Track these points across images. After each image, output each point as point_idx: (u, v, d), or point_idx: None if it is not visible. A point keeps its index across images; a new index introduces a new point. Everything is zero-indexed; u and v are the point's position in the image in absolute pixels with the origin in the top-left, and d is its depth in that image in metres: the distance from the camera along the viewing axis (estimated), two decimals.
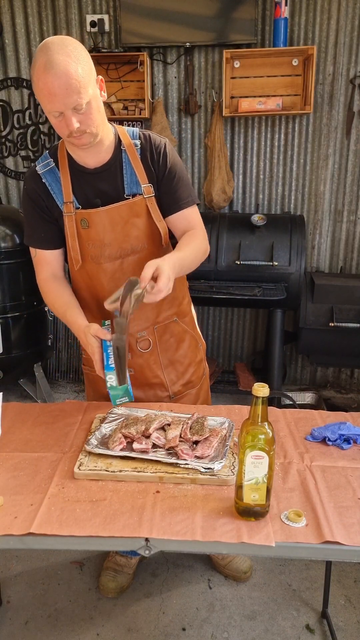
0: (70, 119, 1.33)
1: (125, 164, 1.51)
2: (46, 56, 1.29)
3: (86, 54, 1.36)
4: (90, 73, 1.35)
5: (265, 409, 1.07)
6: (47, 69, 1.28)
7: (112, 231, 1.52)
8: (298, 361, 3.69)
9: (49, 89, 1.29)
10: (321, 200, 3.43)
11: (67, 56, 1.29)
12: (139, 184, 1.52)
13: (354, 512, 1.13)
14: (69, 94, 1.30)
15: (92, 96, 1.36)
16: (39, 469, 1.28)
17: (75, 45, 1.34)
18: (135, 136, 1.54)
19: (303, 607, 1.95)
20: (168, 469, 1.24)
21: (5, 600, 1.98)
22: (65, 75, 1.28)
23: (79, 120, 1.35)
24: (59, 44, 1.31)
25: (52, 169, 1.53)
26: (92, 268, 1.57)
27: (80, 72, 1.30)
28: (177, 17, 3.10)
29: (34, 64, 1.32)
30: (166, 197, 1.55)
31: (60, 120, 1.35)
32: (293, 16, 3.13)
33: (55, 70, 1.28)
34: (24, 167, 3.59)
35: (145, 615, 1.91)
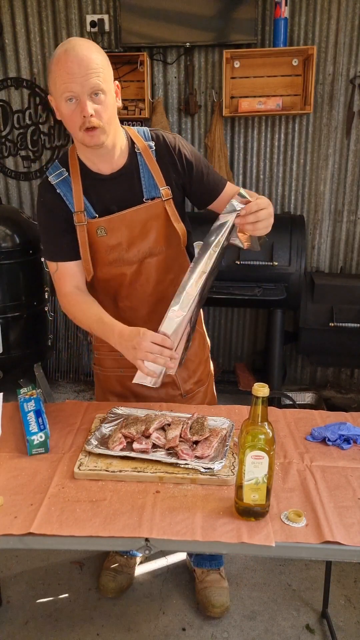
0: (86, 104, 1.30)
1: (142, 167, 1.48)
2: (68, 44, 1.30)
3: (106, 56, 1.37)
4: (110, 70, 1.36)
5: (265, 409, 1.07)
6: (68, 52, 1.28)
7: (130, 235, 1.50)
8: (298, 361, 3.69)
9: (68, 68, 1.28)
10: (321, 200, 3.43)
11: (89, 48, 1.31)
12: (157, 187, 1.49)
13: (354, 512, 1.13)
14: (89, 75, 1.28)
15: (109, 91, 1.34)
16: (39, 469, 1.28)
17: (97, 46, 1.36)
18: (147, 137, 1.51)
19: (303, 607, 1.95)
20: (168, 469, 1.24)
21: (5, 600, 1.98)
22: (86, 56, 1.29)
23: (95, 110, 1.32)
24: (81, 40, 1.33)
25: (66, 179, 1.48)
26: (111, 271, 1.55)
27: (101, 61, 1.31)
28: (177, 17, 3.10)
29: (54, 55, 1.31)
30: (201, 190, 1.55)
31: (74, 108, 1.32)
32: (293, 16, 3.13)
33: (77, 51, 1.28)
34: (23, 167, 3.59)
35: (145, 615, 1.91)
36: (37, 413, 1.43)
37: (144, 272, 1.55)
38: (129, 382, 1.64)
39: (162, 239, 1.53)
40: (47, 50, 3.37)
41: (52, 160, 3.54)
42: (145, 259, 1.54)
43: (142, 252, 1.53)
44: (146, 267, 1.54)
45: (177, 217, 1.53)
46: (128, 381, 1.65)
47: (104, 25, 3.22)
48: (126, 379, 1.66)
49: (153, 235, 1.52)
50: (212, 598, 1.88)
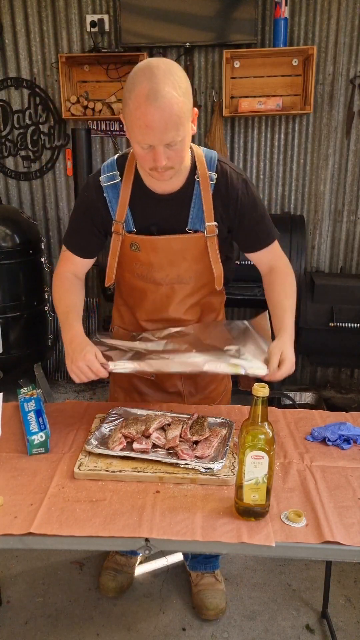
0: (160, 155, 1.26)
1: (196, 196, 1.43)
2: (151, 84, 1.19)
3: (188, 83, 1.28)
4: (190, 107, 1.28)
5: (265, 409, 1.07)
6: (150, 99, 1.19)
7: (163, 260, 1.48)
8: (298, 361, 3.68)
9: (147, 121, 1.20)
10: (321, 200, 3.43)
11: (173, 88, 1.20)
12: (203, 221, 1.44)
13: (354, 512, 1.13)
14: (167, 130, 1.22)
15: (186, 132, 1.28)
16: (39, 469, 1.28)
17: (180, 75, 1.24)
18: (212, 166, 1.43)
19: (303, 607, 1.95)
20: (168, 469, 1.24)
21: (5, 600, 1.98)
22: (168, 109, 1.20)
23: (168, 157, 1.27)
24: (165, 72, 1.21)
25: (116, 185, 1.44)
26: (135, 282, 1.55)
27: (183, 107, 1.22)
28: (177, 17, 3.10)
29: (134, 87, 1.21)
30: (247, 237, 1.51)
31: (147, 153, 1.27)
32: (293, 16, 3.12)
33: (160, 103, 1.19)
34: (23, 167, 3.59)
35: (145, 615, 1.91)
36: (37, 413, 1.43)
37: (168, 294, 1.54)
38: (135, 379, 1.68)
39: (193, 271, 1.51)
40: (47, 50, 3.37)
41: (52, 160, 3.54)
42: (173, 284, 1.52)
43: (170, 278, 1.51)
44: (172, 290, 1.53)
45: (217, 256, 1.49)
46: (134, 378, 1.68)
47: (104, 25, 3.22)
48: (133, 378, 1.68)
49: (185, 265, 1.49)
50: (206, 601, 1.88)
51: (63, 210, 3.64)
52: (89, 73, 3.35)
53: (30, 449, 1.33)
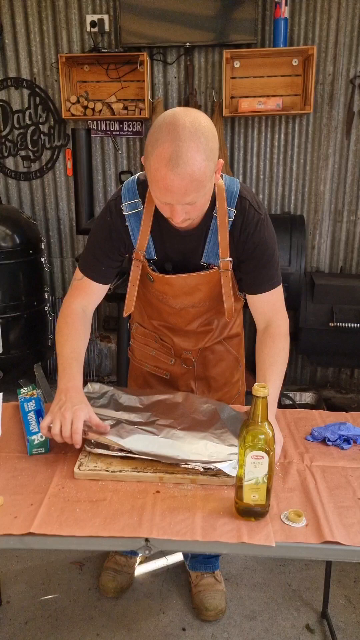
0: (178, 213, 1.23)
1: (212, 231, 1.40)
2: (174, 146, 1.13)
3: (215, 139, 1.20)
4: (214, 166, 1.21)
5: (266, 408, 1.07)
6: (172, 165, 1.13)
7: (177, 292, 1.49)
8: (298, 361, 3.69)
9: (167, 184, 1.16)
10: (321, 200, 3.43)
11: (197, 152, 1.14)
12: (217, 256, 1.42)
13: (354, 512, 1.13)
14: (187, 194, 1.18)
15: (208, 189, 1.23)
16: (39, 469, 1.28)
17: (207, 133, 1.17)
18: (232, 202, 1.38)
19: (303, 607, 1.95)
20: (168, 468, 1.24)
21: (5, 601, 1.98)
22: (189, 176, 1.15)
23: (187, 211, 1.24)
24: (191, 132, 1.14)
25: (138, 213, 1.40)
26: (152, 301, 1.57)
27: (205, 170, 1.16)
28: (177, 17, 3.10)
29: (156, 143, 1.15)
30: (248, 277, 1.47)
31: (165, 205, 1.24)
32: (293, 16, 3.13)
33: (181, 169, 1.14)
34: (23, 167, 3.59)
35: (145, 615, 1.91)
36: (37, 413, 1.43)
37: (183, 315, 1.56)
38: (149, 377, 1.72)
39: (208, 299, 1.51)
40: (47, 50, 3.37)
41: (52, 160, 3.54)
42: (189, 308, 1.54)
43: (185, 304, 1.52)
44: (187, 312, 1.55)
45: (229, 291, 1.47)
46: (148, 376, 1.72)
47: (104, 25, 3.22)
48: (147, 374, 1.72)
49: (199, 296, 1.50)
50: (205, 602, 1.88)
51: (63, 210, 3.64)
52: (88, 73, 3.35)
53: (30, 449, 1.33)
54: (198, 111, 1.21)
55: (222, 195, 1.37)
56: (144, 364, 1.72)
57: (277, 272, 1.48)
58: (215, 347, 1.67)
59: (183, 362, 1.66)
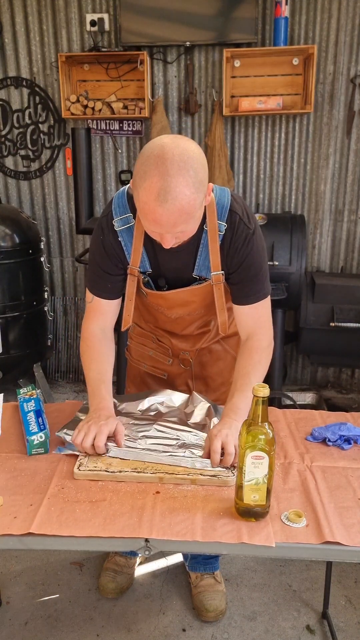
0: (168, 240, 1.23)
1: (203, 246, 1.40)
2: (162, 181, 1.12)
3: (204, 168, 1.19)
4: (203, 195, 1.20)
5: (266, 409, 1.06)
6: (160, 200, 1.13)
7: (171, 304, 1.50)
8: (298, 361, 3.69)
9: (156, 218, 1.17)
10: (322, 199, 3.42)
11: (186, 186, 1.13)
12: (209, 270, 1.42)
13: (354, 513, 1.12)
14: (176, 226, 1.19)
15: (197, 217, 1.23)
16: (39, 469, 1.28)
17: (196, 165, 1.16)
18: (222, 216, 1.37)
19: (303, 608, 1.94)
20: (168, 469, 1.23)
21: (5, 601, 1.98)
22: (178, 210, 1.15)
23: (177, 237, 1.25)
24: (180, 166, 1.13)
25: (130, 228, 1.40)
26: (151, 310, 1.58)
27: (194, 203, 1.16)
28: (177, 16, 3.10)
29: (145, 175, 1.14)
30: (235, 289, 1.46)
31: (155, 233, 1.25)
32: (293, 15, 3.12)
33: (169, 205, 1.13)
34: (23, 166, 3.58)
35: (145, 615, 1.91)
36: (37, 413, 1.43)
37: (179, 322, 1.57)
38: (147, 377, 1.72)
39: (203, 308, 1.52)
40: (46, 49, 3.36)
41: (51, 159, 3.54)
42: (184, 316, 1.55)
43: (180, 314, 1.53)
44: (183, 320, 1.56)
45: (222, 304, 1.47)
46: (146, 376, 1.72)
47: (103, 24, 3.21)
48: (145, 374, 1.72)
49: (194, 306, 1.51)
50: (205, 602, 1.87)
51: (63, 210, 3.64)
52: (88, 72, 3.34)
53: (29, 449, 1.33)
54: (186, 140, 1.20)
55: (212, 209, 1.36)
56: (141, 364, 1.72)
57: (263, 286, 1.46)
58: (213, 346, 1.67)
59: (181, 362, 1.66)
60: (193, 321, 1.57)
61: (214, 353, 1.67)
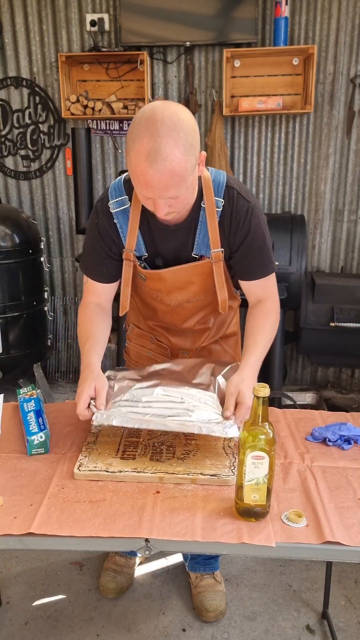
0: (160, 207, 1.24)
1: (201, 223, 1.40)
2: (152, 142, 1.13)
3: (195, 132, 1.20)
4: (195, 160, 1.21)
5: (266, 409, 1.06)
6: (150, 160, 1.14)
7: (170, 288, 1.48)
8: (298, 361, 3.69)
9: (146, 180, 1.17)
10: (322, 199, 3.42)
11: (176, 147, 1.14)
12: (208, 247, 1.42)
13: (354, 513, 1.12)
14: (167, 189, 1.19)
15: (190, 183, 1.23)
16: (39, 469, 1.28)
17: (186, 127, 1.17)
18: (219, 193, 1.38)
19: (303, 608, 1.94)
20: (168, 469, 1.23)
21: (5, 601, 1.98)
22: (169, 171, 1.15)
23: (170, 205, 1.25)
24: (170, 128, 1.14)
25: (125, 210, 1.41)
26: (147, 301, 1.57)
27: (185, 165, 1.17)
28: (177, 16, 3.10)
29: (135, 138, 1.16)
30: (242, 265, 1.47)
31: (148, 200, 1.25)
32: (293, 15, 3.12)
33: (159, 165, 1.14)
34: (23, 166, 3.58)
35: (145, 615, 1.91)
36: (37, 413, 1.43)
37: (178, 312, 1.56)
38: None
39: (202, 292, 1.51)
40: (46, 49, 3.36)
41: (51, 159, 3.54)
42: (183, 304, 1.53)
43: (180, 300, 1.52)
44: (182, 308, 1.55)
45: (222, 281, 1.46)
46: None
47: (103, 24, 3.21)
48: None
49: (193, 290, 1.49)
50: (205, 603, 1.87)
51: (63, 210, 3.64)
52: (88, 72, 3.34)
53: (30, 449, 1.33)
54: (178, 105, 1.22)
55: (208, 186, 1.37)
56: (138, 364, 1.72)
57: (269, 260, 1.48)
58: (212, 346, 1.66)
59: None
60: (193, 312, 1.55)
61: (214, 353, 1.67)
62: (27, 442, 1.33)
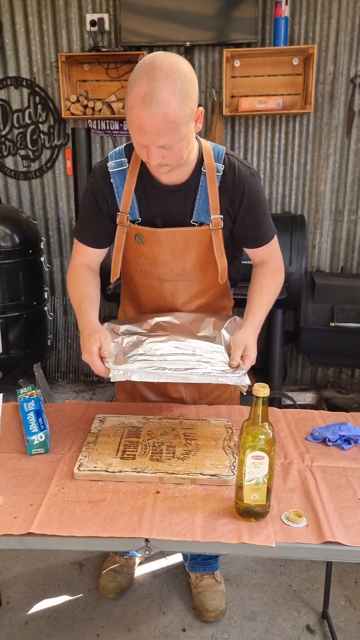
0: (153, 155, 1.25)
1: (202, 188, 1.41)
2: (149, 86, 1.16)
3: (193, 84, 1.23)
4: (190, 111, 1.23)
5: (266, 409, 1.06)
6: (145, 104, 1.16)
7: (167, 253, 1.46)
8: (298, 361, 3.69)
9: (141, 124, 1.19)
10: (322, 199, 3.42)
11: (172, 93, 1.17)
12: (208, 213, 1.42)
13: (354, 513, 1.12)
14: (160, 135, 1.20)
15: (184, 134, 1.24)
16: (39, 469, 1.28)
17: (184, 77, 1.20)
18: (219, 158, 1.41)
19: (303, 608, 1.94)
20: (168, 469, 1.23)
21: (4, 601, 1.98)
22: (162, 116, 1.17)
23: (163, 156, 1.26)
24: (167, 74, 1.17)
25: (124, 171, 1.42)
26: (139, 280, 1.54)
27: (179, 113, 1.19)
28: (177, 16, 3.10)
29: (134, 84, 1.19)
30: (246, 233, 1.49)
31: (142, 148, 1.26)
32: (293, 15, 3.12)
33: (154, 109, 1.16)
34: (23, 166, 3.58)
35: (145, 615, 1.91)
36: (37, 413, 1.43)
37: (172, 291, 1.53)
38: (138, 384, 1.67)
39: (199, 266, 1.49)
40: (46, 49, 3.36)
41: (51, 159, 3.54)
42: (177, 281, 1.50)
43: (175, 273, 1.49)
44: (176, 287, 1.52)
45: (222, 250, 1.47)
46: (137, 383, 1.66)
47: (103, 24, 3.21)
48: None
49: (191, 260, 1.48)
50: (205, 603, 1.87)
51: (63, 210, 3.64)
52: (88, 72, 3.34)
53: (30, 449, 1.33)
54: (179, 56, 1.25)
55: (209, 153, 1.41)
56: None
57: (271, 226, 1.53)
58: None
59: None
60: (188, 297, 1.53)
61: None
62: (27, 442, 1.33)
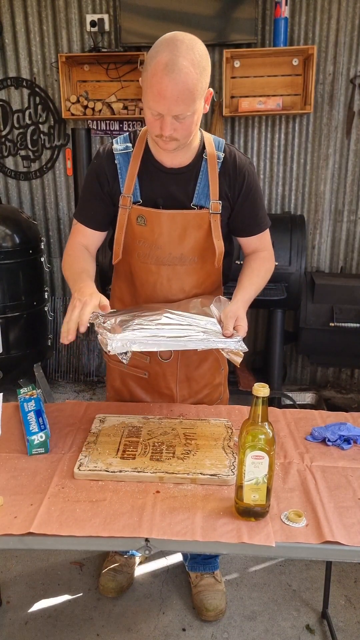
0: (167, 125, 1.30)
1: (202, 173, 1.48)
2: (171, 55, 1.24)
3: (208, 62, 1.32)
4: (205, 85, 1.32)
5: (266, 409, 1.06)
6: (167, 70, 1.24)
7: (167, 236, 1.48)
8: (298, 361, 3.69)
9: (161, 90, 1.25)
10: (321, 200, 3.42)
11: (191, 64, 1.25)
12: (208, 198, 1.48)
13: (354, 513, 1.12)
14: (178, 103, 1.26)
15: (196, 108, 1.31)
16: (39, 469, 1.28)
17: (202, 53, 1.29)
18: (220, 148, 1.50)
19: (303, 608, 1.94)
20: (168, 469, 1.24)
21: (5, 601, 1.98)
22: (183, 84, 1.24)
23: (175, 128, 1.31)
24: (188, 47, 1.26)
25: (128, 154, 1.48)
26: (136, 265, 1.55)
27: (197, 84, 1.27)
28: (177, 16, 3.10)
29: (156, 54, 1.26)
30: (242, 221, 1.55)
31: (156, 119, 1.31)
32: (293, 16, 3.12)
33: (175, 75, 1.24)
34: (23, 166, 3.58)
35: (145, 615, 1.91)
36: (37, 413, 1.43)
37: (170, 276, 1.53)
38: (127, 379, 1.68)
39: (198, 251, 1.51)
40: (46, 49, 3.36)
41: (52, 159, 3.54)
42: (175, 265, 1.52)
43: (174, 257, 1.51)
44: (174, 273, 1.53)
45: (219, 234, 1.51)
46: (126, 378, 1.68)
47: (103, 24, 3.21)
48: (126, 375, 1.68)
49: (190, 244, 1.50)
50: (205, 602, 1.87)
51: (63, 210, 3.64)
52: (88, 73, 3.35)
53: (30, 449, 1.33)
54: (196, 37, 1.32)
55: (210, 141, 1.49)
56: (120, 365, 1.67)
57: (265, 216, 1.60)
58: None
59: (160, 356, 1.60)
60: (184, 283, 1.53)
61: (199, 353, 1.62)
62: (27, 441, 1.33)
